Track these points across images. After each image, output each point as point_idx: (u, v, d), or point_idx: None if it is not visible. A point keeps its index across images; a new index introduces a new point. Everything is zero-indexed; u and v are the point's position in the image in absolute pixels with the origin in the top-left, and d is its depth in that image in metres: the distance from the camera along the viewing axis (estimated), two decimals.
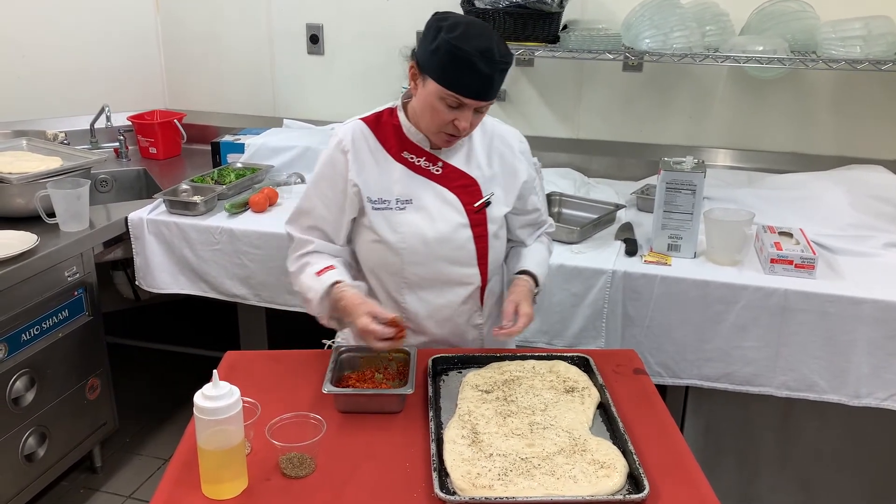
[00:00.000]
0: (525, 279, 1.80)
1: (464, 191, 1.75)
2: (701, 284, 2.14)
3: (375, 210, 1.73)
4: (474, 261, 1.77)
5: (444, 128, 1.65)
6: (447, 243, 1.74)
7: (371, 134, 1.75)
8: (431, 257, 1.74)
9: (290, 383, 1.68)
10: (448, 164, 1.75)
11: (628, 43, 2.57)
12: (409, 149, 1.74)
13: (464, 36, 1.55)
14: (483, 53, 1.53)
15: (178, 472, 1.40)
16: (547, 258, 1.94)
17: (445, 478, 1.36)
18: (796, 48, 2.51)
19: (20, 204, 2.44)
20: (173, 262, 2.57)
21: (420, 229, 1.72)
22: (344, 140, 1.73)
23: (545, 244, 1.95)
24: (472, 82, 1.56)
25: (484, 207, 1.75)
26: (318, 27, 3.21)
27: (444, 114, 1.62)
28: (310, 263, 1.75)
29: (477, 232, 1.75)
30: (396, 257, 1.74)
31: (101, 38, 3.31)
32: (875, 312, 2.03)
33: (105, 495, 2.65)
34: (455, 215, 1.74)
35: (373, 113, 1.79)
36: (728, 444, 2.37)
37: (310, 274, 1.73)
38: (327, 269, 1.72)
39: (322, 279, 1.70)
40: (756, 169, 2.85)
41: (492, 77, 1.57)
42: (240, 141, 3.00)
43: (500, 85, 1.62)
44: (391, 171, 1.74)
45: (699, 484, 1.38)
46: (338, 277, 1.70)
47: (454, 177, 1.75)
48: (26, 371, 2.28)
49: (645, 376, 1.75)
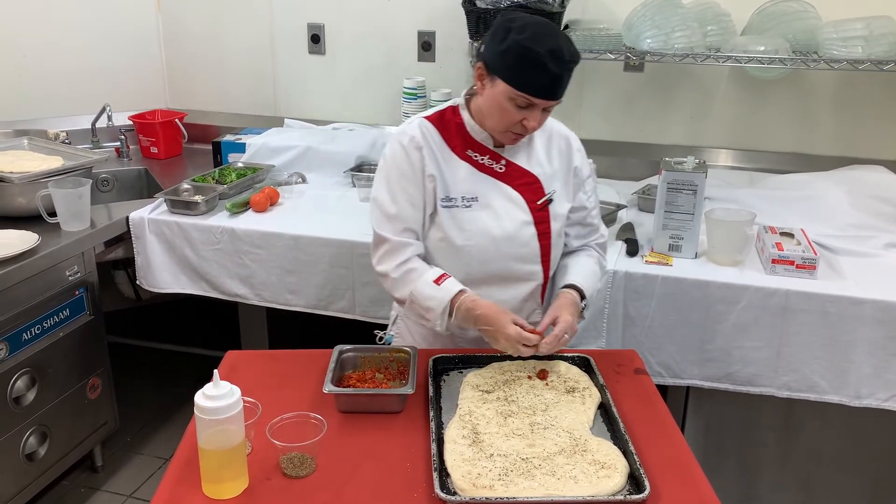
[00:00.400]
0: (568, 292, 1.77)
1: (527, 188, 1.76)
2: (702, 285, 2.14)
3: (444, 208, 1.74)
4: (538, 258, 1.78)
5: (513, 127, 1.66)
6: (513, 241, 1.75)
7: (436, 132, 1.76)
8: (497, 255, 1.76)
9: (291, 383, 1.68)
10: (511, 161, 1.76)
11: (629, 43, 2.57)
12: (473, 147, 1.75)
13: (534, 37, 1.56)
14: (553, 53, 1.55)
15: (179, 471, 1.40)
16: (595, 271, 1.87)
17: (446, 478, 1.36)
18: (798, 48, 2.51)
19: (21, 203, 2.44)
20: (174, 261, 2.57)
21: (487, 227, 1.74)
22: (416, 136, 1.74)
23: (594, 258, 1.90)
24: (542, 82, 1.58)
25: (547, 204, 1.77)
26: (320, 27, 3.21)
27: (512, 113, 1.63)
28: (416, 270, 1.73)
29: (541, 229, 1.77)
30: (463, 254, 1.75)
31: (102, 38, 3.32)
32: (876, 313, 2.03)
33: (106, 495, 2.65)
34: (520, 213, 1.75)
35: (436, 111, 1.79)
36: (729, 444, 2.36)
37: (427, 282, 1.71)
38: (444, 276, 1.72)
39: (444, 287, 1.69)
40: (757, 169, 2.84)
41: (561, 77, 1.59)
42: (241, 140, 3.00)
43: (568, 84, 1.63)
44: (456, 169, 1.75)
45: (700, 484, 1.38)
46: (461, 286, 1.71)
47: (517, 175, 1.76)
48: (27, 370, 2.28)
49: (646, 376, 1.75)
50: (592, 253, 1.91)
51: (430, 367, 1.69)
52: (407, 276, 1.74)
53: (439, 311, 1.69)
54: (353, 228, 2.42)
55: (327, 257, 2.41)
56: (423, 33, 3.09)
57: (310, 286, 2.46)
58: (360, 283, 2.40)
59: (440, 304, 1.69)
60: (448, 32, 3.04)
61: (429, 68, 3.11)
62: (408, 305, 1.76)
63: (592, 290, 1.84)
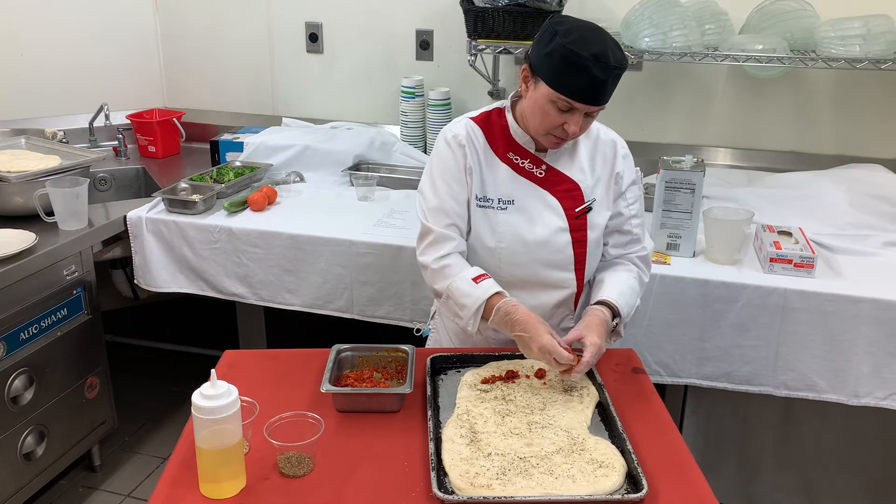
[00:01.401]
0: (598, 309, 1.69)
1: (566, 195, 1.74)
2: (700, 283, 2.14)
3: (479, 208, 1.74)
4: (571, 266, 1.76)
5: (554, 130, 1.64)
6: (546, 247, 1.74)
7: (480, 133, 1.75)
8: (529, 259, 1.74)
9: (289, 382, 1.68)
10: (552, 167, 1.74)
11: (628, 42, 2.57)
12: (514, 150, 1.74)
13: (580, 41, 1.54)
14: (598, 58, 1.52)
15: (177, 471, 1.40)
16: (633, 287, 1.79)
17: (444, 477, 1.36)
18: (796, 47, 2.51)
19: (19, 202, 2.44)
20: (172, 260, 2.57)
21: (519, 231, 1.73)
22: (459, 135, 1.74)
23: (634, 273, 1.82)
24: (585, 87, 1.56)
25: (585, 213, 1.75)
26: (318, 26, 3.21)
27: (554, 117, 1.61)
28: (455, 265, 1.73)
29: (576, 237, 1.74)
30: (494, 256, 1.75)
31: (99, 37, 3.31)
32: (874, 312, 2.03)
33: (104, 494, 2.65)
34: (555, 219, 1.73)
35: (482, 112, 1.79)
36: (727, 443, 2.36)
37: (465, 278, 1.70)
38: (483, 276, 1.71)
39: (482, 287, 1.68)
40: (755, 168, 2.85)
41: (605, 82, 1.56)
42: (239, 139, 2.99)
43: (613, 90, 1.60)
44: (497, 170, 1.75)
45: (698, 483, 1.38)
46: (499, 288, 1.69)
47: (557, 180, 1.74)
48: (25, 370, 2.28)
49: (644, 375, 1.75)
50: (632, 268, 1.83)
51: (428, 366, 1.69)
52: (446, 270, 1.73)
53: (473, 309, 1.68)
54: (352, 227, 2.42)
55: (325, 256, 2.41)
56: (421, 32, 3.09)
57: (308, 285, 2.45)
58: (359, 283, 2.40)
59: (476, 302, 1.68)
60: (446, 31, 3.04)
61: (427, 67, 3.11)
62: (444, 300, 1.75)
63: (629, 306, 1.75)
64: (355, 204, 2.66)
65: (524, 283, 1.77)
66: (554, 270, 1.76)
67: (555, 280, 1.77)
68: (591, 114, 1.63)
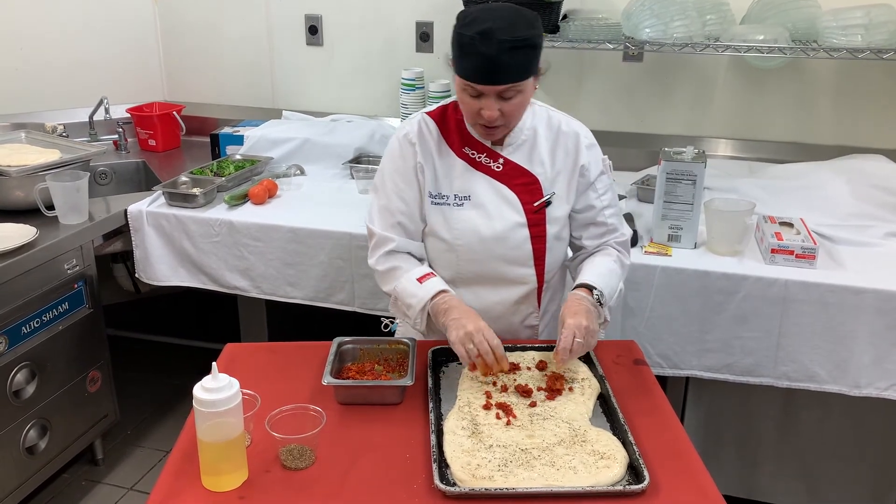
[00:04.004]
0: (578, 293, 1.68)
1: (524, 189, 1.72)
2: (701, 275, 2.14)
3: (434, 205, 1.73)
4: (531, 261, 1.74)
5: (476, 119, 1.62)
6: (503, 242, 1.72)
7: (435, 127, 1.74)
8: (486, 255, 1.73)
9: (290, 375, 1.68)
10: (509, 160, 1.72)
11: (628, 32, 2.56)
12: (470, 144, 1.72)
13: (470, 22, 1.53)
14: (483, 34, 1.50)
15: (179, 464, 1.40)
16: (613, 269, 1.76)
17: (445, 469, 1.36)
18: (797, 37, 2.50)
19: (19, 197, 2.43)
20: (173, 254, 2.57)
21: (476, 227, 1.71)
22: (410, 132, 1.73)
23: (612, 255, 1.80)
24: (478, 66, 1.53)
25: (544, 207, 1.72)
26: (317, 18, 3.20)
27: (470, 104, 1.60)
28: (401, 267, 1.73)
29: (535, 232, 1.72)
30: (452, 253, 1.74)
31: (99, 30, 3.30)
32: (876, 302, 2.03)
33: (106, 487, 2.66)
34: (513, 214, 1.71)
35: (438, 106, 1.77)
36: (728, 434, 2.37)
37: (410, 279, 1.70)
38: (428, 275, 1.71)
39: (426, 286, 1.68)
40: (757, 159, 2.84)
41: (495, 58, 1.50)
42: (239, 133, 2.99)
43: (519, 67, 1.54)
44: (453, 165, 1.73)
45: (699, 474, 1.38)
46: (443, 286, 1.69)
47: (515, 174, 1.72)
48: (27, 364, 2.28)
49: (645, 367, 1.75)
50: (610, 251, 1.80)
51: (430, 358, 1.69)
52: (392, 272, 1.74)
53: (418, 309, 1.68)
54: (352, 220, 2.41)
55: (326, 249, 2.41)
56: (421, 24, 3.08)
57: (309, 278, 2.45)
58: (359, 275, 2.40)
59: (420, 302, 1.68)
60: (446, 23, 3.02)
61: (427, 59, 3.10)
62: (392, 301, 1.76)
63: (610, 287, 1.72)
64: (356, 197, 2.65)
65: (483, 279, 1.76)
66: (512, 266, 1.74)
67: (514, 276, 1.76)
68: (504, 96, 1.57)
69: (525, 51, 1.53)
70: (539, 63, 1.60)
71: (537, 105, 1.76)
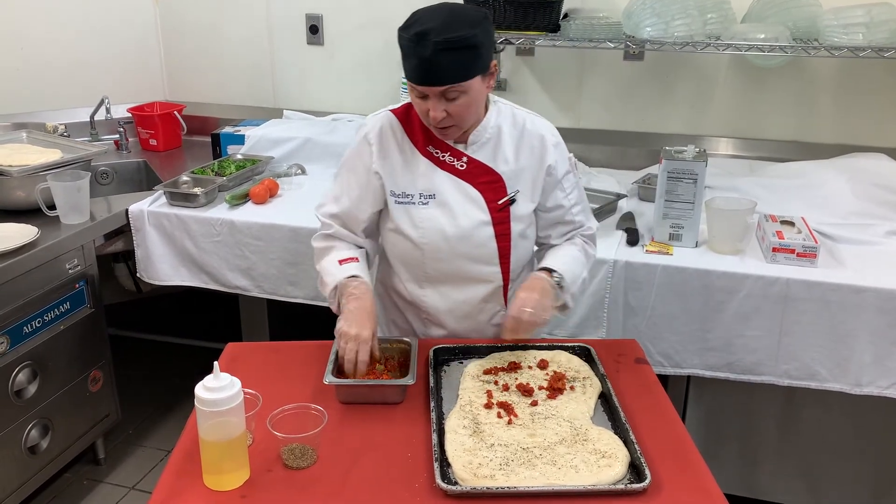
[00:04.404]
0: (538, 273, 1.72)
1: (488, 187, 1.71)
2: (702, 274, 2.14)
3: (398, 204, 1.73)
4: (496, 259, 1.75)
5: (425, 120, 1.63)
6: (468, 241, 1.72)
7: (399, 126, 1.73)
8: (452, 254, 1.73)
9: (292, 374, 1.68)
10: (473, 159, 1.71)
11: (629, 31, 2.56)
12: (434, 143, 1.72)
13: (410, 25, 1.55)
14: (418, 36, 1.51)
15: (181, 463, 1.40)
16: (577, 256, 1.79)
17: (447, 468, 1.36)
18: (798, 36, 2.49)
19: (20, 196, 2.44)
20: (174, 253, 2.57)
21: (441, 225, 1.71)
22: (370, 132, 1.73)
23: (577, 245, 1.82)
24: (415, 67, 1.55)
25: (508, 205, 1.72)
26: (318, 17, 3.20)
27: (419, 105, 1.61)
28: (335, 248, 1.77)
29: (499, 230, 1.72)
30: (417, 252, 1.74)
31: (100, 30, 3.30)
32: (877, 301, 2.02)
33: (108, 487, 2.66)
34: (477, 212, 1.71)
35: (403, 105, 1.76)
36: (730, 433, 2.37)
37: (332, 260, 1.74)
38: (350, 259, 1.73)
39: (343, 269, 1.71)
40: (758, 157, 2.84)
41: (431, 59, 1.50)
42: (240, 132, 2.99)
43: (458, 68, 1.53)
44: (417, 164, 1.72)
45: (701, 473, 1.38)
46: (357, 272, 1.71)
47: (479, 172, 1.71)
48: (28, 363, 2.28)
49: (646, 366, 1.75)
50: (576, 240, 1.83)
51: (431, 357, 1.69)
52: (324, 251, 1.78)
53: (330, 287, 1.71)
54: None
55: None
56: None
57: (310, 278, 2.45)
58: None
59: (334, 280, 1.71)
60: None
61: None
62: (319, 281, 1.78)
63: (571, 273, 1.74)
64: None
65: (449, 277, 1.76)
66: (478, 265, 1.74)
67: (479, 274, 1.75)
68: (449, 96, 1.56)
69: (462, 51, 1.52)
70: (487, 62, 1.59)
71: (501, 103, 1.76)
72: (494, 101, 1.74)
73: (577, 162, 2.87)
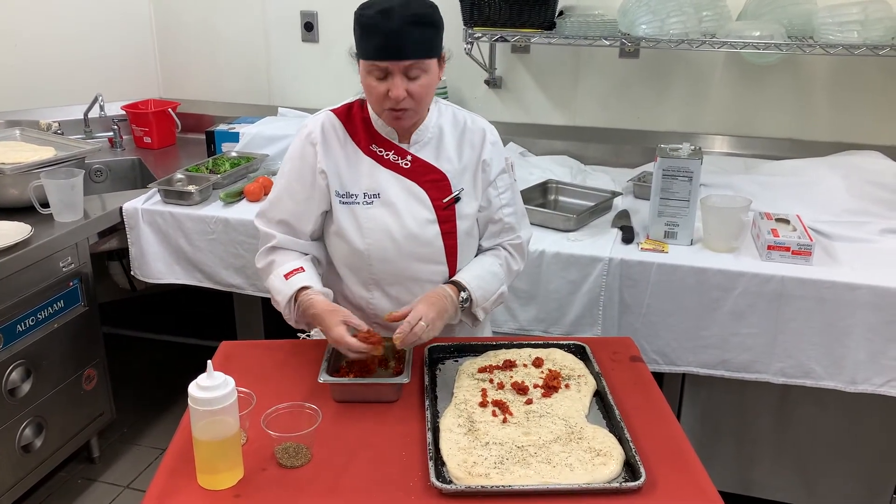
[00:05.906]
0: (446, 289, 1.68)
1: (433, 186, 1.70)
2: (697, 271, 2.14)
3: (342, 204, 1.70)
4: (443, 258, 1.73)
5: (384, 103, 1.59)
6: (414, 240, 1.70)
7: (341, 126, 1.72)
8: (398, 254, 1.71)
9: (286, 373, 1.67)
10: (417, 157, 1.70)
11: (625, 29, 2.55)
12: (377, 142, 1.71)
13: (370, 4, 1.55)
14: (383, 12, 1.51)
15: (174, 462, 1.40)
16: (494, 271, 1.77)
17: (442, 466, 1.36)
18: (793, 33, 2.49)
19: (14, 194, 2.43)
20: (168, 251, 2.56)
21: (386, 225, 1.69)
22: (313, 132, 1.71)
23: (500, 257, 1.80)
24: (381, 42, 1.53)
25: (453, 203, 1.71)
26: (313, 14, 3.19)
27: (377, 87, 1.58)
28: (276, 263, 1.73)
29: (445, 229, 1.71)
30: (362, 253, 1.71)
31: (94, 27, 3.29)
32: (872, 298, 2.03)
33: (103, 485, 2.66)
34: (423, 211, 1.70)
35: (344, 104, 1.75)
36: (725, 430, 2.37)
37: (278, 275, 1.70)
38: (295, 271, 1.69)
39: (290, 283, 1.68)
40: (753, 155, 2.84)
41: (399, 32, 1.51)
42: (234, 130, 2.98)
43: (424, 42, 1.55)
44: (360, 164, 1.70)
45: (696, 471, 1.38)
46: (305, 282, 1.67)
47: (423, 171, 1.70)
48: (22, 362, 2.27)
49: (641, 364, 1.75)
50: (500, 253, 1.81)
51: (426, 355, 1.69)
52: (268, 268, 1.74)
53: (284, 304, 1.69)
54: None
55: None
56: None
57: None
58: None
59: (284, 298, 1.68)
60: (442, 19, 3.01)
61: None
62: (272, 300, 1.75)
63: (482, 290, 1.72)
64: None
65: (396, 278, 1.74)
66: (425, 264, 1.73)
67: (427, 274, 1.73)
68: (410, 74, 1.56)
69: (426, 28, 1.55)
70: (440, 47, 1.61)
71: (443, 103, 1.76)
72: (436, 101, 1.74)
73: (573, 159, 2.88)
